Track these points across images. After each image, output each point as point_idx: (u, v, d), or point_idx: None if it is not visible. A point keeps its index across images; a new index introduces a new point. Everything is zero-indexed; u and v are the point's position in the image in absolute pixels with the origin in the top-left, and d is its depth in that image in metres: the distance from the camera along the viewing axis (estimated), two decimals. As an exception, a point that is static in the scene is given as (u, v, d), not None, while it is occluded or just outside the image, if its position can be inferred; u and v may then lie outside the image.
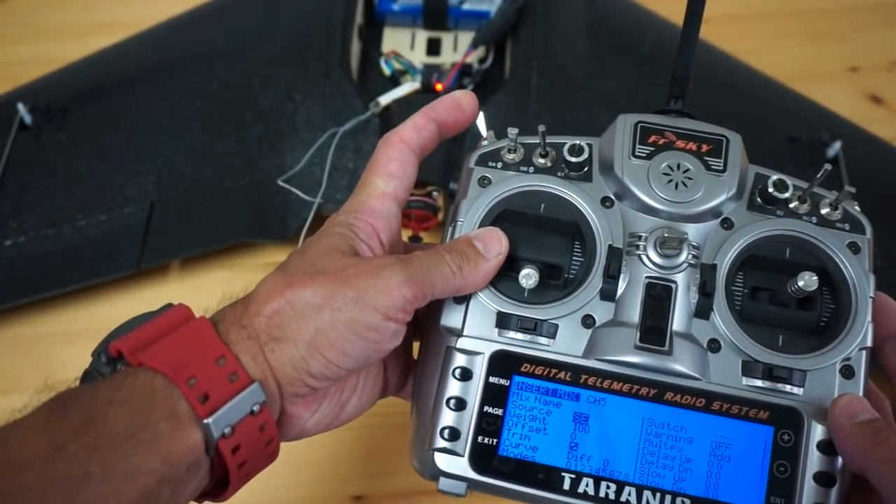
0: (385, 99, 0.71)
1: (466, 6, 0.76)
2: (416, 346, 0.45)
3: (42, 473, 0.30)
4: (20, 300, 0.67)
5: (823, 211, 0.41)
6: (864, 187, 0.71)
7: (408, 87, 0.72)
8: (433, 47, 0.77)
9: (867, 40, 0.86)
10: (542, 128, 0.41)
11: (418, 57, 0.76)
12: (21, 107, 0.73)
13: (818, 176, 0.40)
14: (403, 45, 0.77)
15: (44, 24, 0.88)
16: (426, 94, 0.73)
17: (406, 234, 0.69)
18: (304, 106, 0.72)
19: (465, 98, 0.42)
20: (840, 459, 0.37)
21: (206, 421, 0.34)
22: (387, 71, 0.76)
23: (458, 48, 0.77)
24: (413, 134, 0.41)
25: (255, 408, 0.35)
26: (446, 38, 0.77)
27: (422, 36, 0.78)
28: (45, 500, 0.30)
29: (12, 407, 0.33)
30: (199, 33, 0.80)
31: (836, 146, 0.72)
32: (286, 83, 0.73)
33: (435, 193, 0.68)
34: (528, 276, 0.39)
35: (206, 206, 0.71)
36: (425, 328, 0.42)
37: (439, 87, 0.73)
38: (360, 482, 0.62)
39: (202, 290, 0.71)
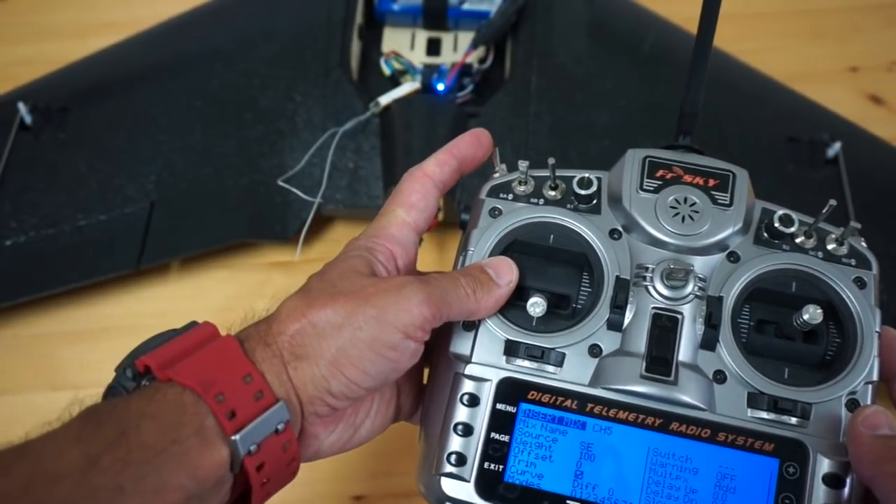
0: (385, 99, 0.71)
1: (466, 6, 0.76)
2: (427, 372, 0.45)
3: (77, 486, 0.31)
4: (20, 299, 0.68)
5: (830, 246, 0.41)
6: (864, 187, 0.71)
7: (408, 87, 0.73)
8: (433, 47, 0.77)
9: (867, 40, 0.86)
10: (551, 160, 0.42)
11: (418, 57, 0.76)
12: (21, 107, 0.73)
13: (824, 212, 0.41)
14: (403, 45, 0.77)
15: (43, 23, 0.88)
16: (426, 94, 0.73)
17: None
18: (304, 106, 0.72)
19: (483, 135, 0.44)
20: (846, 492, 0.37)
21: (233, 438, 0.34)
22: (387, 71, 0.76)
23: (458, 48, 0.77)
24: (436, 169, 0.43)
25: (280, 426, 0.36)
26: (446, 38, 0.77)
27: (422, 36, 0.78)
28: None
29: (11, 407, 0.33)
30: (199, 33, 0.80)
31: (836, 146, 0.72)
32: (286, 83, 0.73)
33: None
34: (536, 305, 0.39)
35: (206, 206, 0.71)
36: (434, 354, 0.43)
37: (441, 87, 0.73)
38: (360, 482, 0.62)
39: (202, 290, 0.71)
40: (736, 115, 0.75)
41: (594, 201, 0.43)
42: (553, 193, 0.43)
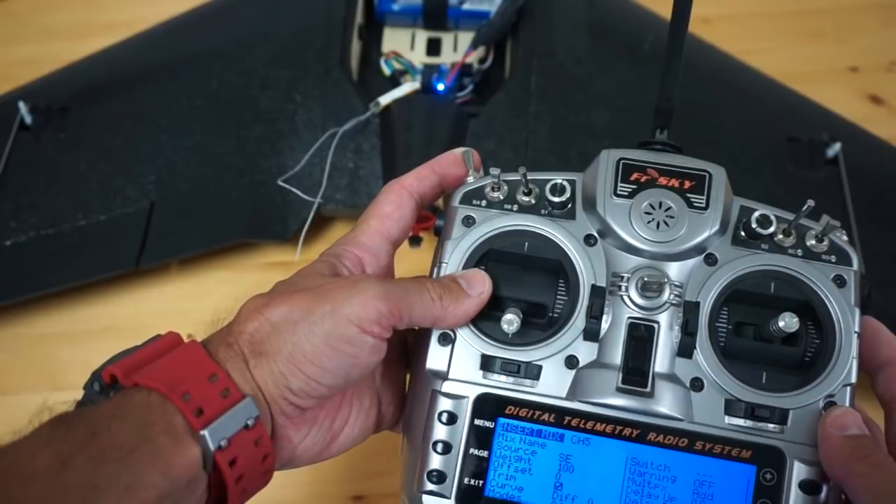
0: (385, 99, 0.71)
1: (466, 6, 0.76)
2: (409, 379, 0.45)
3: (51, 485, 0.31)
4: (20, 298, 0.68)
5: (809, 242, 0.41)
6: (864, 187, 0.71)
7: (408, 87, 0.73)
8: (433, 47, 0.77)
9: (867, 40, 0.86)
10: (522, 169, 0.41)
11: (418, 57, 0.76)
12: (21, 106, 0.73)
13: (803, 210, 0.40)
14: (403, 45, 0.77)
15: (44, 24, 0.88)
16: (426, 93, 0.73)
17: (406, 234, 0.69)
18: (304, 106, 0.72)
19: (466, 155, 0.43)
20: (822, 497, 0.37)
21: (201, 432, 0.34)
22: (387, 71, 0.76)
23: (458, 48, 0.77)
24: (414, 181, 0.43)
25: (250, 422, 0.36)
26: (446, 38, 0.77)
27: (422, 36, 0.78)
28: None
29: (11, 407, 0.33)
30: (199, 33, 0.80)
31: (836, 146, 0.72)
32: (286, 83, 0.73)
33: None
34: (511, 322, 0.39)
35: (206, 206, 0.71)
36: (412, 368, 0.43)
37: (441, 87, 0.73)
38: (359, 482, 0.62)
39: (202, 289, 0.71)
40: (736, 115, 0.75)
41: (568, 206, 0.42)
42: (527, 199, 0.42)
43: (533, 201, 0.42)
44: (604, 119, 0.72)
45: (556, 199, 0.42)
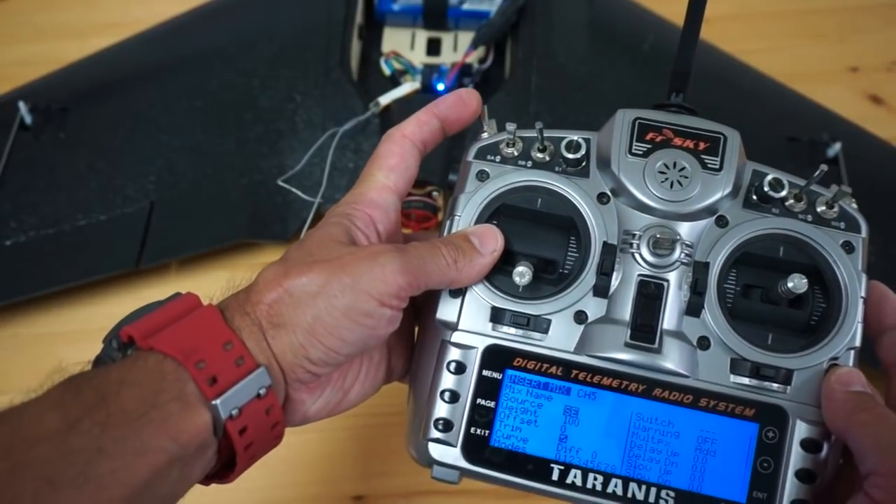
0: (385, 99, 0.71)
1: (466, 6, 0.76)
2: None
3: (56, 447, 0.31)
4: (19, 297, 0.68)
5: (819, 209, 0.41)
6: (864, 187, 0.71)
7: (408, 87, 0.73)
8: (433, 47, 0.77)
9: (867, 40, 0.86)
10: (539, 125, 0.42)
11: (418, 57, 0.76)
12: (21, 107, 0.73)
13: (815, 175, 0.40)
14: (403, 45, 0.77)
15: (44, 24, 0.88)
16: (426, 94, 0.73)
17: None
18: (304, 106, 0.72)
19: (468, 95, 0.43)
20: (822, 456, 0.38)
21: (214, 402, 0.35)
22: (387, 71, 0.76)
23: (458, 48, 0.77)
24: (415, 129, 0.42)
25: (262, 391, 0.36)
26: (446, 38, 0.78)
27: (422, 36, 0.78)
28: (57, 474, 0.31)
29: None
30: (199, 33, 0.80)
31: (836, 146, 0.72)
32: (286, 83, 0.73)
33: (435, 193, 0.69)
34: (522, 275, 0.40)
35: (206, 206, 0.71)
36: (422, 319, 0.43)
37: (441, 87, 0.73)
38: (359, 482, 0.62)
39: (202, 289, 0.70)
40: (736, 115, 0.74)
41: (583, 164, 0.42)
42: (541, 155, 0.42)
43: (547, 158, 0.42)
44: (604, 119, 0.72)
45: (570, 156, 0.42)
